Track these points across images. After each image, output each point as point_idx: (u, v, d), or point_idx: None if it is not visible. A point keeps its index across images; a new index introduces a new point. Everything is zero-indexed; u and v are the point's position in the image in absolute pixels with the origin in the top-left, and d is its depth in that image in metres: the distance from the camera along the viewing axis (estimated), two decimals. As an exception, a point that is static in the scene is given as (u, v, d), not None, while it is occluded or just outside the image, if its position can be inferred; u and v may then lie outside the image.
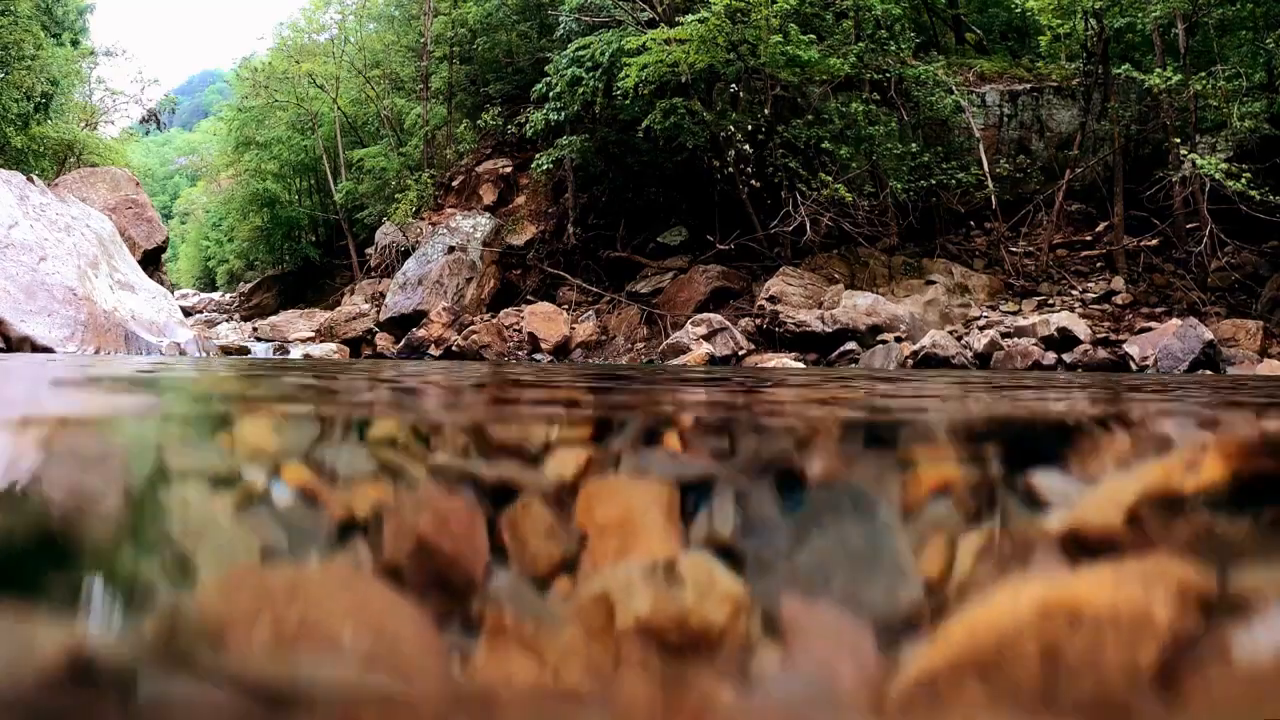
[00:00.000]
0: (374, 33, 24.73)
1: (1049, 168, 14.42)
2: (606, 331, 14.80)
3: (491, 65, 19.25)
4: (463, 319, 15.47)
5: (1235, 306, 11.78)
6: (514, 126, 17.02)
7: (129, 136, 29.68)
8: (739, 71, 13.88)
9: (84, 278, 10.87)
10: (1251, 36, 12.05)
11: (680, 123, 13.81)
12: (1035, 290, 13.01)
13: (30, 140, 20.68)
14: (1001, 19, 17.78)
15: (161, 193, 50.12)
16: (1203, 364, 9.91)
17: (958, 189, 13.69)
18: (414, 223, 18.09)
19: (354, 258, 22.72)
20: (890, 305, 12.37)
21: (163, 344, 11.18)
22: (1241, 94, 11.66)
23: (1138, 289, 12.50)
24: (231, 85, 32.21)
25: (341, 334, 16.26)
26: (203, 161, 39.66)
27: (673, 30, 13.16)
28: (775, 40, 12.90)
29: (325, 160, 24.67)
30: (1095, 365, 10.51)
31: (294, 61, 24.13)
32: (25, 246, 10.59)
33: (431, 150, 19.97)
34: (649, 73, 13.18)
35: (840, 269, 13.65)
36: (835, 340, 12.03)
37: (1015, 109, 15.07)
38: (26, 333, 9.71)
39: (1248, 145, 12.06)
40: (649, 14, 14.86)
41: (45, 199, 11.98)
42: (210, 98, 50.57)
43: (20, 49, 19.82)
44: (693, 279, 14.71)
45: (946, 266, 13.47)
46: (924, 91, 14.06)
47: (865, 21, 14.21)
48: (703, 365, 11.53)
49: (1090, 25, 13.79)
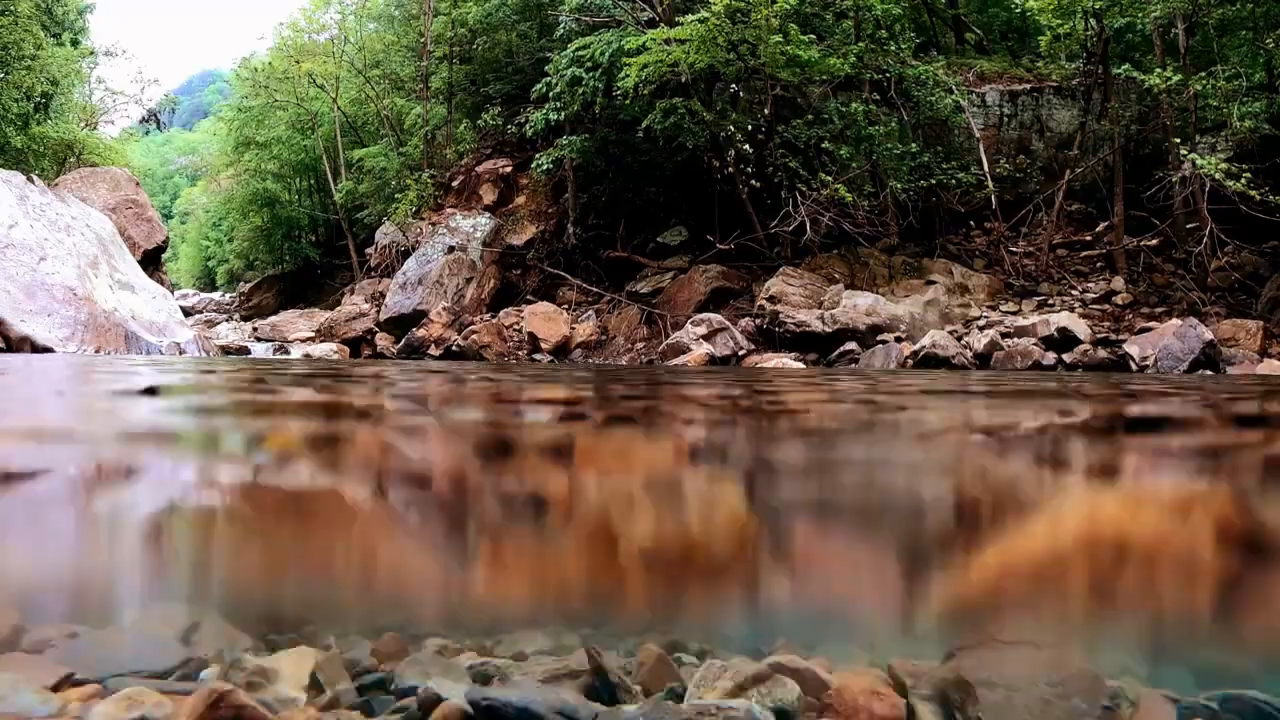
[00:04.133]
0: (374, 33, 24.69)
1: (1049, 168, 14.41)
2: (606, 331, 14.80)
3: (491, 65, 19.23)
4: (463, 319, 15.47)
5: (1235, 306, 11.77)
6: (514, 126, 17.00)
7: (129, 136, 29.66)
8: (739, 71, 13.88)
9: (84, 278, 10.87)
10: (1251, 36, 12.04)
11: (680, 123, 13.80)
12: (1035, 290, 13.01)
13: (30, 140, 20.66)
14: (1001, 19, 17.77)
15: (161, 193, 50.08)
16: (1203, 364, 9.91)
17: (958, 189, 13.68)
18: (414, 223, 18.08)
19: (354, 258, 22.70)
20: (890, 305, 12.36)
21: (163, 344, 11.18)
22: (1241, 94, 11.66)
23: (1138, 289, 12.50)
24: (231, 85, 32.16)
25: (341, 334, 16.25)
26: (203, 161, 39.62)
27: (673, 30, 13.15)
28: (775, 40, 12.89)
29: (325, 160, 24.64)
30: (1095, 365, 10.51)
31: (294, 61, 24.08)
32: (25, 246, 10.59)
33: (431, 150, 19.96)
34: (649, 73, 13.17)
35: (840, 269, 13.65)
36: (835, 340, 12.03)
37: (1015, 109, 15.06)
38: (26, 333, 9.71)
39: (1248, 145, 12.05)
40: (649, 14, 14.85)
41: (45, 199, 11.97)
42: (210, 98, 50.53)
43: (20, 49, 19.80)
44: (693, 279, 14.70)
45: (946, 266, 13.46)
46: (924, 91, 14.05)
47: (865, 21, 14.20)
48: (702, 366, 11.53)
49: (1090, 25, 13.78)
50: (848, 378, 6.21)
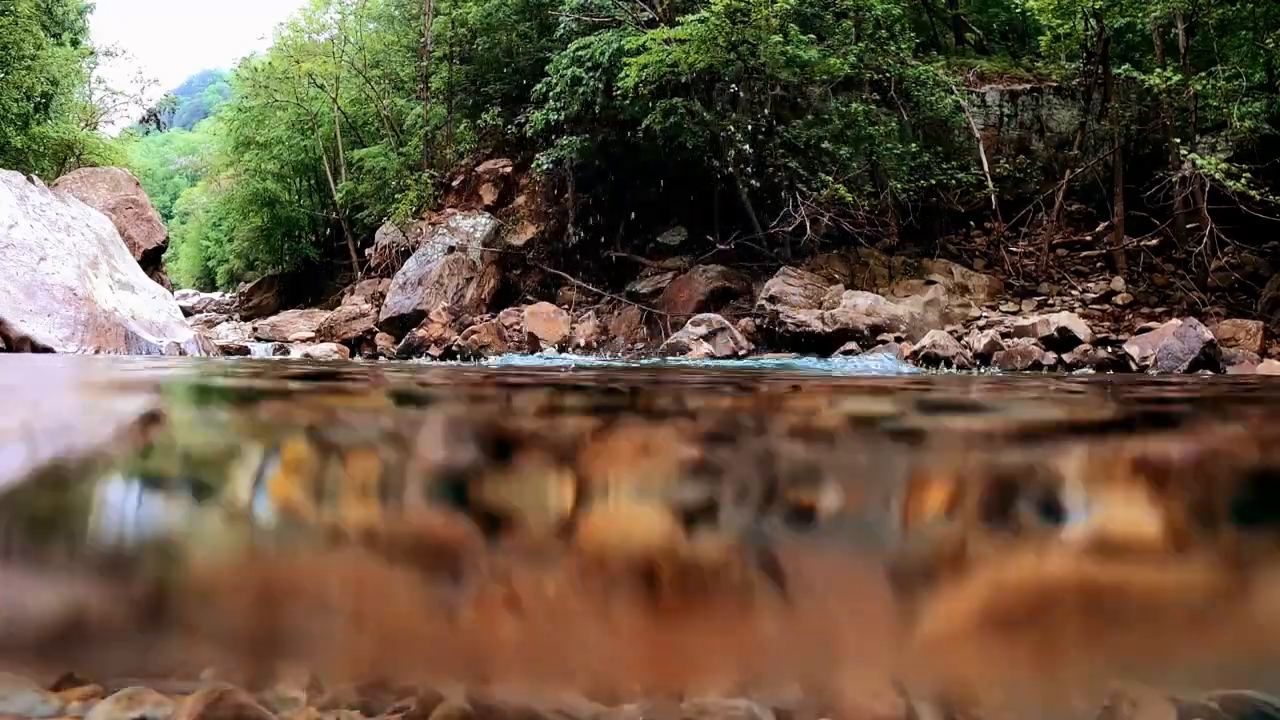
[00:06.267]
0: (374, 33, 24.68)
1: (1049, 168, 14.41)
2: (606, 332, 14.80)
3: (491, 65, 19.22)
4: (463, 319, 15.48)
5: (1235, 306, 11.76)
6: (514, 126, 17.00)
7: (129, 136, 29.64)
8: (739, 71, 13.88)
9: (84, 278, 10.87)
10: (1251, 36, 12.04)
11: (680, 123, 13.80)
12: (1035, 290, 13.01)
13: (30, 140, 20.65)
14: (1001, 19, 17.76)
15: (161, 193, 50.07)
16: (1203, 364, 9.91)
17: (958, 189, 13.67)
18: (414, 223, 18.08)
19: (354, 258, 22.70)
20: (890, 305, 12.37)
21: (163, 344, 11.18)
22: (1241, 94, 11.65)
23: (1138, 289, 12.49)
24: (231, 85, 32.14)
25: (341, 334, 16.25)
26: (203, 161, 39.61)
27: (673, 30, 13.15)
28: (775, 40, 12.89)
29: (325, 160, 24.63)
30: (1095, 365, 10.51)
31: (294, 61, 24.07)
32: (25, 246, 10.59)
33: (431, 150, 19.96)
34: (649, 73, 13.17)
35: (840, 269, 13.65)
36: (835, 340, 12.03)
37: (1015, 109, 15.06)
38: (26, 333, 9.71)
39: (1248, 145, 12.04)
40: (649, 14, 14.85)
41: (45, 199, 11.97)
42: (210, 98, 50.52)
43: (20, 49, 19.79)
44: (693, 279, 14.70)
45: (946, 266, 13.46)
46: (924, 91, 14.05)
47: (865, 21, 14.19)
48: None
49: (1090, 25, 13.78)
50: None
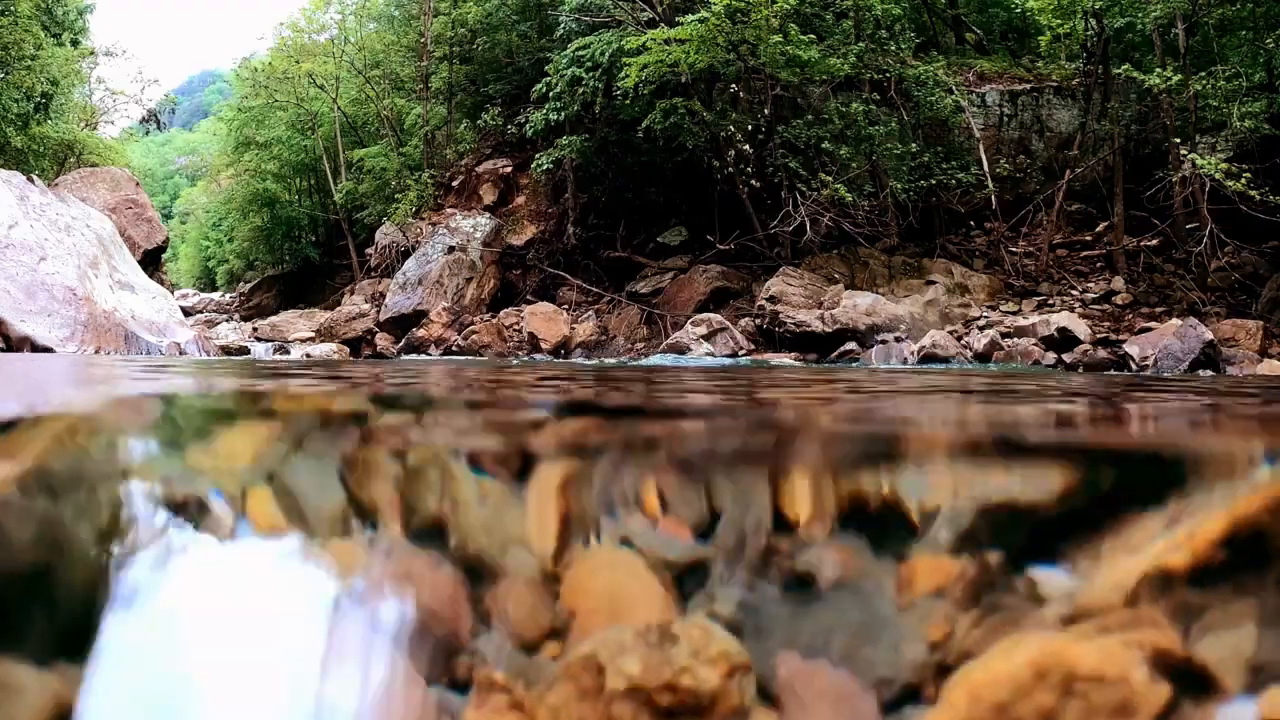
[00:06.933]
0: (374, 33, 24.68)
1: (1049, 168, 14.41)
2: (606, 332, 14.80)
3: (491, 65, 19.23)
4: (463, 319, 15.48)
5: (1235, 306, 11.77)
6: (514, 126, 17.00)
7: (129, 136, 29.64)
8: (739, 71, 13.88)
9: (84, 278, 10.87)
10: (1251, 36, 12.04)
11: (680, 123, 13.80)
12: (1035, 290, 13.01)
13: (30, 140, 20.64)
14: (1001, 19, 17.76)
15: (161, 193, 50.07)
16: (1203, 364, 9.91)
17: (958, 189, 13.68)
18: (414, 223, 18.08)
19: (354, 258, 22.70)
20: (890, 305, 12.37)
21: (163, 344, 11.18)
22: (1241, 94, 11.65)
23: (1138, 289, 12.50)
24: (231, 85, 32.16)
25: (341, 334, 16.25)
26: (203, 161, 39.66)
27: (673, 30, 13.15)
28: (775, 40, 12.89)
29: (325, 160, 24.64)
30: (1095, 365, 10.51)
31: (294, 61, 24.08)
32: (25, 246, 10.59)
33: (431, 150, 19.97)
34: (649, 73, 13.17)
35: (840, 269, 13.65)
36: (835, 340, 12.03)
37: (1015, 109, 15.06)
38: (26, 333, 9.71)
39: (1248, 145, 12.05)
40: (649, 14, 14.85)
41: (45, 199, 11.97)
42: (210, 98, 50.52)
43: (20, 49, 19.78)
44: (693, 279, 14.70)
45: (946, 266, 13.46)
46: (924, 91, 14.05)
47: (865, 21, 14.20)
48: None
49: (1090, 25, 13.78)
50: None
